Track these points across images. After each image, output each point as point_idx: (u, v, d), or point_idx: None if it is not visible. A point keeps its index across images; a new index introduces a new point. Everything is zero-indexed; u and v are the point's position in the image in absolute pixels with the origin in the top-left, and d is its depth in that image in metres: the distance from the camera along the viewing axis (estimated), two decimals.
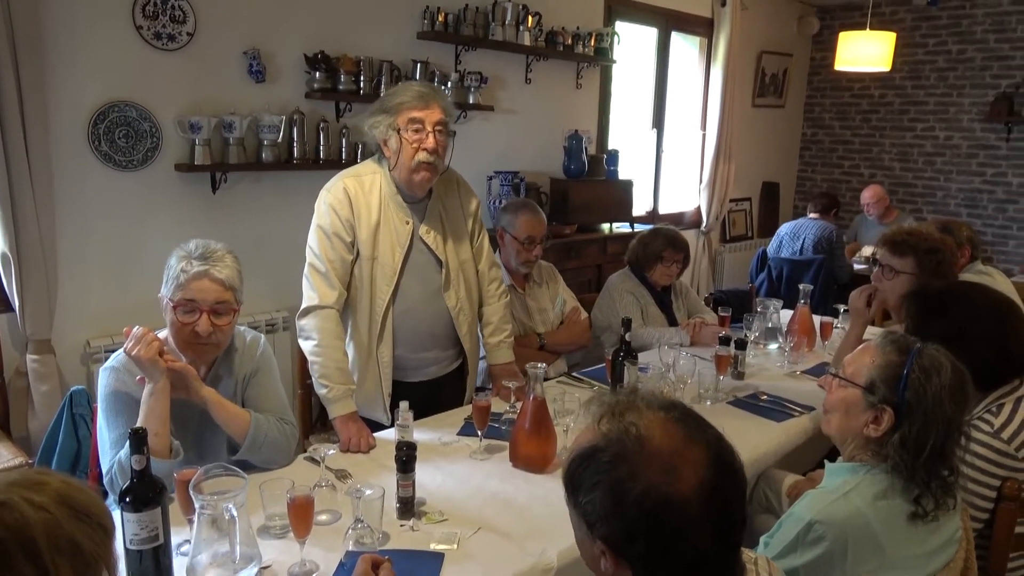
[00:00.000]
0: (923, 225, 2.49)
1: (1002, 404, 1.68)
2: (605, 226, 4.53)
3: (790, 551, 1.25)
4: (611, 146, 4.83)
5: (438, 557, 1.45)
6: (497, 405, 2.08)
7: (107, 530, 0.79)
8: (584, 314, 2.95)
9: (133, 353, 1.55)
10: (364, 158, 3.42)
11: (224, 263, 1.68)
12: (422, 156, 1.99)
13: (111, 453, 1.60)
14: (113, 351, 2.79)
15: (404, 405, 1.95)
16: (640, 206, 5.06)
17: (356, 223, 2.06)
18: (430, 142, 1.99)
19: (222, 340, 1.70)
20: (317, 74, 3.30)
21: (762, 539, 1.35)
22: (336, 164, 3.40)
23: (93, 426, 1.96)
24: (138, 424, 1.51)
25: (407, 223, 2.10)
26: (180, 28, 2.93)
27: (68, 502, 0.75)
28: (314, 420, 2.46)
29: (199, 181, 3.09)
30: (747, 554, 1.02)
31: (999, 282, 2.85)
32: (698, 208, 5.65)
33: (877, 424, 1.30)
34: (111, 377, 1.66)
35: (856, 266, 4.87)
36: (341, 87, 3.37)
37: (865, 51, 4.28)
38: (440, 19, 3.68)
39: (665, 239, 3.01)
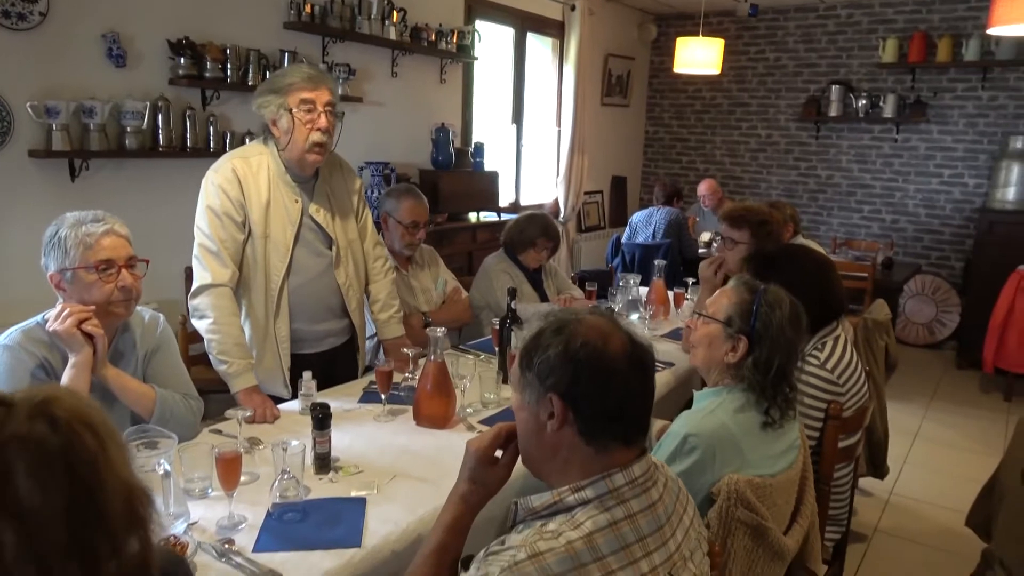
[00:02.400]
0: (755, 203, 2.90)
1: (825, 342, 2.04)
2: (473, 215, 4.72)
3: (670, 462, 1.49)
4: (475, 140, 5.03)
5: (361, 501, 1.56)
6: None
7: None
8: (465, 293, 3.12)
9: (51, 328, 1.54)
10: (232, 147, 3.41)
11: (117, 222, 1.70)
12: (316, 136, 2.07)
13: None
14: None
15: (308, 375, 2.03)
16: (503, 198, 5.30)
17: (247, 203, 2.09)
18: (323, 122, 2.07)
19: (138, 297, 1.72)
20: (182, 60, 3.23)
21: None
22: (204, 153, 3.35)
23: None
24: None
25: (296, 202, 2.17)
26: (31, 7, 2.78)
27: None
28: None
29: (56, 168, 2.94)
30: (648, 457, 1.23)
31: (817, 250, 3.34)
32: (556, 200, 5.98)
33: (735, 351, 1.58)
34: (6, 355, 1.61)
35: (701, 251, 5.38)
36: (208, 74, 3.32)
37: (700, 55, 4.77)
38: (307, 10, 3.71)
39: (540, 228, 3.22)
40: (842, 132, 6.16)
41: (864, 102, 5.90)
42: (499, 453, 1.26)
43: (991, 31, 2.70)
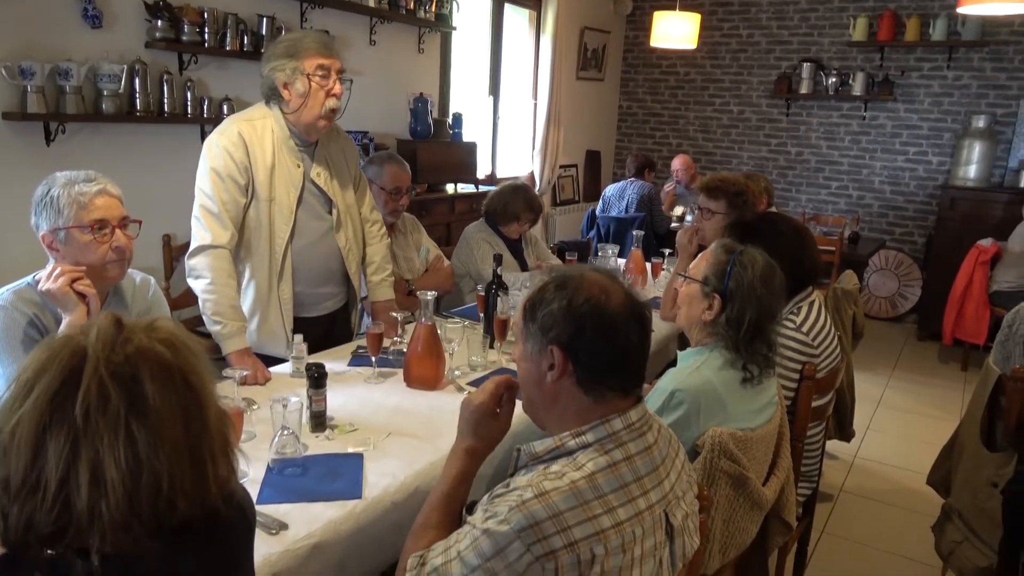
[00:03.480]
0: (731, 174, 2.97)
1: (800, 307, 2.13)
2: (451, 186, 4.73)
3: (659, 415, 1.55)
4: (453, 111, 5.02)
5: (358, 456, 1.61)
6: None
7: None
8: (447, 262, 3.16)
9: (43, 287, 1.54)
10: (211, 113, 3.38)
11: (109, 182, 1.70)
12: (331, 103, 2.10)
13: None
14: None
15: (298, 338, 2.07)
16: (480, 169, 5.32)
17: (252, 166, 2.10)
18: (338, 88, 2.09)
19: (130, 258, 1.73)
20: (159, 23, 3.17)
21: None
22: (181, 119, 3.31)
23: None
24: None
25: (298, 166, 2.18)
26: None
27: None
28: None
29: (31, 131, 2.88)
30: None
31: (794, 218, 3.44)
32: (532, 173, 6.01)
33: (710, 309, 1.65)
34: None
35: (671, 225, 5.47)
36: (185, 38, 3.27)
37: (676, 29, 4.81)
38: None
39: (524, 202, 3.23)
40: (812, 109, 6.27)
41: (834, 80, 6.01)
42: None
43: (961, 10, 2.79)
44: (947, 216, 5.43)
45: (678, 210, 5.46)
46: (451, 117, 4.85)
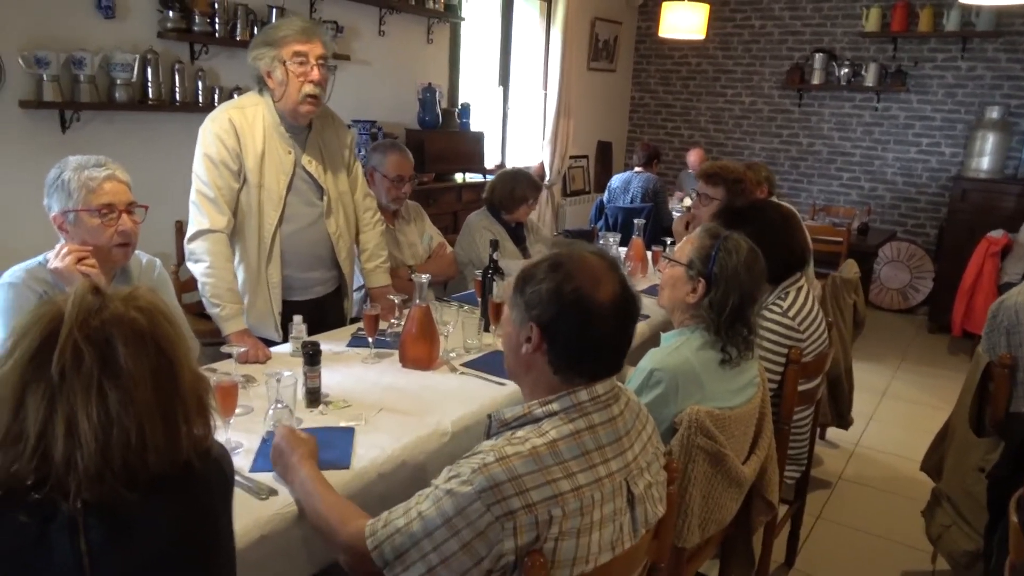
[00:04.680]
0: (730, 162, 2.99)
1: (788, 292, 2.16)
2: (459, 176, 4.79)
3: (638, 394, 1.60)
4: (461, 101, 5.07)
5: (350, 430, 1.67)
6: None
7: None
8: (450, 248, 3.21)
9: (52, 266, 1.62)
10: (222, 102, 3.45)
11: (119, 168, 1.77)
12: (308, 88, 2.13)
13: None
14: None
15: (298, 319, 2.13)
16: (489, 159, 5.37)
17: (243, 152, 2.16)
18: (315, 75, 2.13)
19: (136, 242, 1.80)
20: (171, 13, 3.25)
21: None
22: (192, 107, 3.39)
23: None
24: None
25: (289, 153, 2.24)
26: None
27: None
28: None
29: (47, 119, 2.98)
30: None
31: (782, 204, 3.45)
32: (542, 164, 6.05)
33: (694, 292, 1.70)
34: (10, 292, 1.70)
35: (675, 213, 5.49)
36: (196, 28, 3.35)
37: (684, 20, 4.82)
38: None
39: (527, 183, 3.28)
40: (824, 100, 6.25)
41: (846, 70, 5.98)
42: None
43: (970, 0, 2.78)
44: (959, 208, 5.40)
45: (687, 201, 5.48)
46: (459, 107, 4.90)
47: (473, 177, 4.86)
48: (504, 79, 5.67)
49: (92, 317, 0.89)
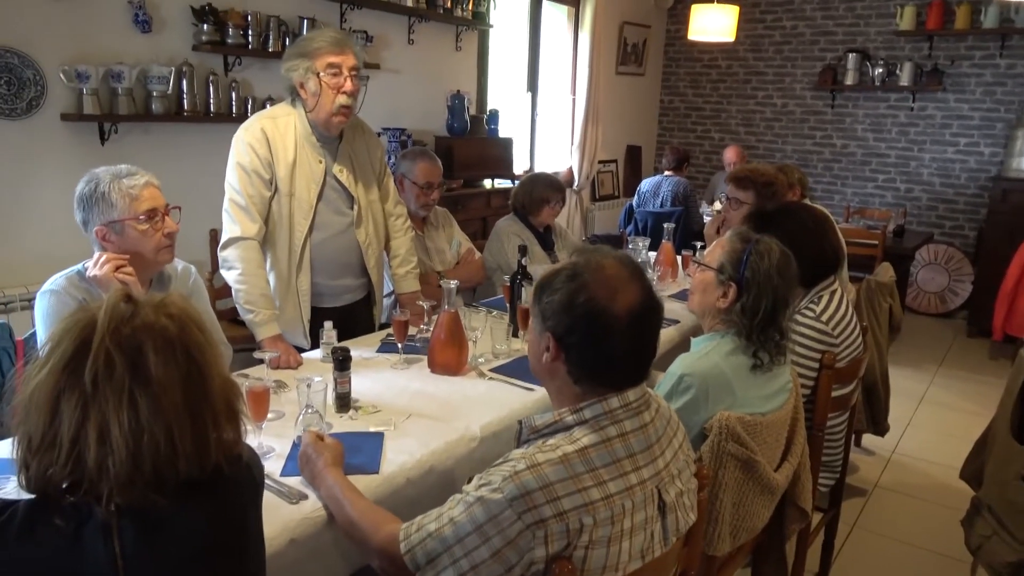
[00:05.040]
0: (761, 164, 2.96)
1: (821, 296, 2.13)
2: (487, 182, 4.81)
3: (668, 399, 1.59)
4: (490, 107, 5.09)
5: (379, 435, 1.69)
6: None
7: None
8: (478, 254, 3.23)
9: (91, 274, 1.67)
10: (254, 112, 3.51)
11: (148, 173, 1.83)
12: (342, 100, 2.17)
13: None
14: (5, 303, 2.78)
15: (328, 324, 2.15)
16: (518, 165, 5.38)
17: (274, 162, 2.20)
18: (349, 86, 2.16)
19: (175, 241, 1.85)
20: (205, 27, 3.32)
21: None
22: (226, 118, 3.45)
23: (17, 359, 2.02)
24: None
25: (320, 162, 2.27)
26: None
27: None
28: None
29: (87, 131, 3.06)
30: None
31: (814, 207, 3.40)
32: (570, 169, 6.04)
33: (725, 297, 1.68)
34: (52, 299, 1.75)
35: (707, 217, 5.44)
36: (230, 41, 3.42)
37: (714, 22, 4.79)
38: None
39: (546, 184, 3.31)
40: (858, 101, 6.15)
41: (881, 70, 5.88)
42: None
43: None
44: (999, 209, 5.27)
45: (717, 204, 5.43)
46: (488, 113, 4.92)
47: (502, 183, 4.87)
48: (532, 85, 5.68)
49: (124, 325, 0.91)
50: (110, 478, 0.88)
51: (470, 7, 4.67)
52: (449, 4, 4.50)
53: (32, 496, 0.91)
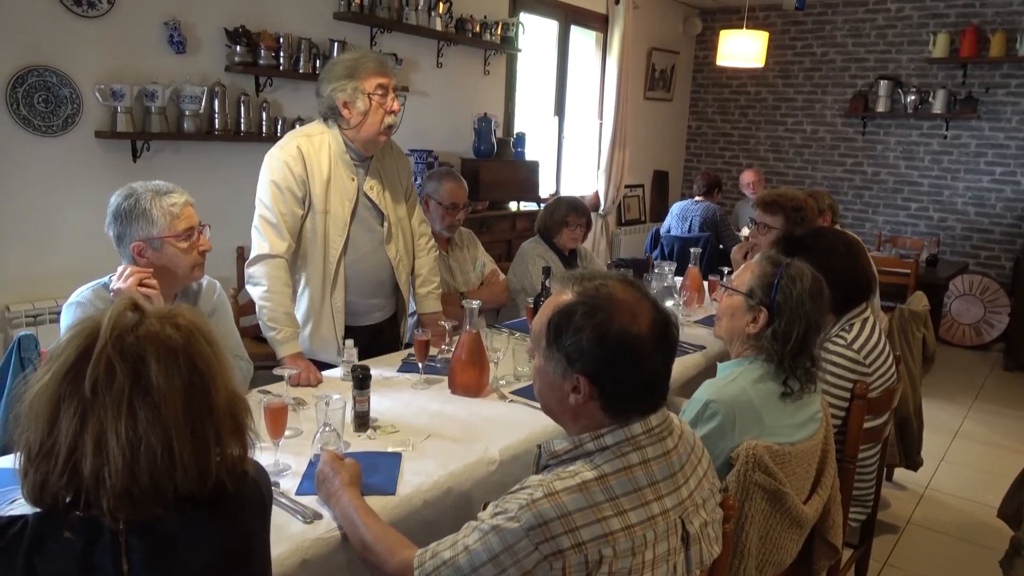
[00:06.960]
0: (790, 189, 2.91)
1: (853, 323, 2.07)
2: (513, 204, 4.80)
3: (693, 426, 1.54)
4: (517, 130, 5.10)
5: (397, 455, 1.66)
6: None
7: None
8: (502, 276, 3.21)
9: (115, 286, 1.68)
10: (284, 132, 3.55)
11: (184, 191, 1.84)
12: (390, 120, 2.20)
13: None
14: (35, 315, 2.81)
15: (349, 343, 2.14)
16: (544, 188, 5.37)
17: (310, 180, 2.21)
18: (395, 105, 2.19)
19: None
20: (238, 48, 3.38)
21: None
22: (256, 137, 3.49)
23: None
24: None
25: (352, 180, 2.28)
26: None
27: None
28: None
29: (120, 149, 3.11)
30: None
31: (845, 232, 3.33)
32: (596, 193, 6.03)
33: (755, 323, 1.63)
34: (77, 311, 1.76)
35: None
36: (261, 62, 3.47)
37: (743, 48, 4.77)
38: (356, 1, 3.83)
39: (568, 206, 3.30)
40: (889, 128, 6.07)
41: (913, 98, 5.81)
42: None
43: None
44: None
45: (745, 231, 5.37)
46: (515, 136, 4.93)
47: (527, 206, 4.87)
48: (559, 109, 5.69)
49: (127, 333, 0.89)
50: (107, 488, 0.85)
51: (499, 32, 4.70)
52: (478, 29, 4.53)
53: (38, 510, 0.89)
